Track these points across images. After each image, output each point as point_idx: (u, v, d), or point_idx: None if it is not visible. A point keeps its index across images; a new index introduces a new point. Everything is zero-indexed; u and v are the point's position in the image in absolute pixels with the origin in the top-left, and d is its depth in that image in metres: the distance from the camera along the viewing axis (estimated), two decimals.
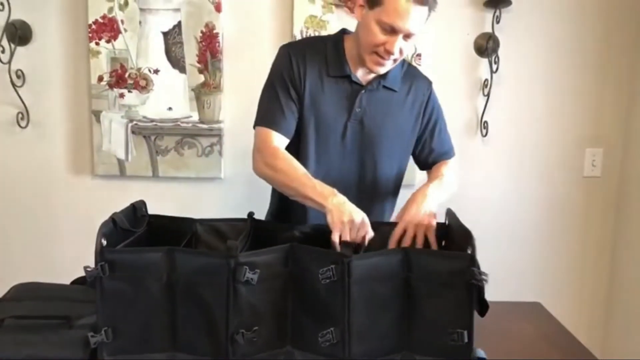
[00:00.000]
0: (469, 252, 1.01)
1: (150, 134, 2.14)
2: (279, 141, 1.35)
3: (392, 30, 1.25)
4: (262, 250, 1.06)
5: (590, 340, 1.22)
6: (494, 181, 2.23)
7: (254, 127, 1.40)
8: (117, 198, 1.28)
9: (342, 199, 1.18)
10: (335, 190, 1.20)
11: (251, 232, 1.24)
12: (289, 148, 1.36)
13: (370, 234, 1.16)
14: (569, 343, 1.21)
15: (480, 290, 1.00)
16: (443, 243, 1.26)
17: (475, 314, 1.01)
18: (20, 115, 2.13)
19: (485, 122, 2.19)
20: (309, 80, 1.37)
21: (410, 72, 1.46)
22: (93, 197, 2.18)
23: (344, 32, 1.44)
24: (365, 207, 1.19)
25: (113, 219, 1.12)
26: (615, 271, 2.25)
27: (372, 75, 1.39)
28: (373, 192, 1.46)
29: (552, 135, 2.22)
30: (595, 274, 2.29)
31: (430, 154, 1.50)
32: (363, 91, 1.39)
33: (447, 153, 1.52)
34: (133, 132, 2.13)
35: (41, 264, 2.19)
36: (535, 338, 1.23)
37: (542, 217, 2.26)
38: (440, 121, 1.50)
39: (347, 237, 1.14)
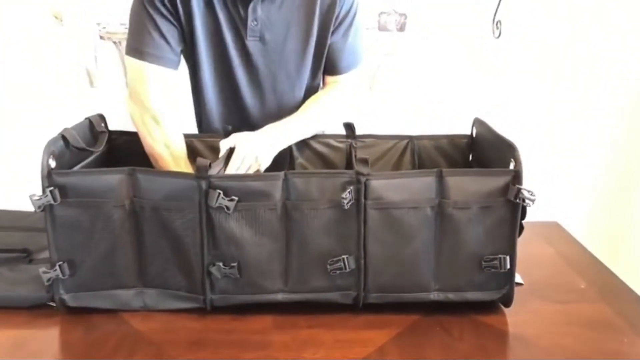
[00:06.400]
0: (512, 167, 0.90)
1: (121, 39, 1.94)
2: (158, 82, 1.10)
3: None
4: (247, 175, 0.92)
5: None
6: (508, 86, 2.10)
7: (126, 54, 1.14)
8: (86, 112, 1.12)
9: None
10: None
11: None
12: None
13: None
14: (593, 267, 1.12)
15: (524, 210, 0.90)
16: (470, 157, 1.16)
17: None
18: None
19: (499, 21, 2.02)
20: None
21: None
22: (59, 110, 2.00)
23: None
24: None
25: (63, 136, 0.97)
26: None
27: None
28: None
29: (574, 34, 2.04)
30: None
31: (329, 64, 1.23)
32: None
33: (345, 67, 1.24)
34: (101, 38, 1.94)
35: None
36: (558, 262, 1.13)
37: (560, 122, 2.14)
38: (351, 28, 1.20)
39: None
